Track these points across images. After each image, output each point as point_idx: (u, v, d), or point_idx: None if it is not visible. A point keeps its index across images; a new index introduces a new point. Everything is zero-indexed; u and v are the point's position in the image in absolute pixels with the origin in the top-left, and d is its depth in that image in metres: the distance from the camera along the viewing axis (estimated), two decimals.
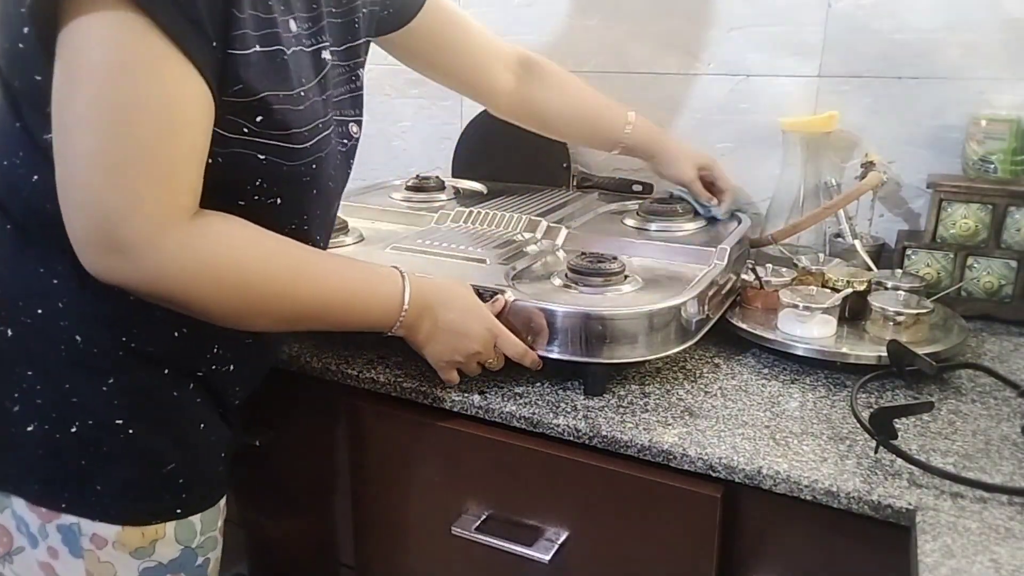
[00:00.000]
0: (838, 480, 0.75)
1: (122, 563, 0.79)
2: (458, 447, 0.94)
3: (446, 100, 1.60)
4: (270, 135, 0.73)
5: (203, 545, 0.85)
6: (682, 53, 1.36)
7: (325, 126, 0.80)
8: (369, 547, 1.06)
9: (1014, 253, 1.13)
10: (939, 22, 1.18)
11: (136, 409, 0.77)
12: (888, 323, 1.01)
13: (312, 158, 0.78)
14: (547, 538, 0.90)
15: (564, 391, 0.93)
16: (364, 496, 1.03)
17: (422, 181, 1.39)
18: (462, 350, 0.89)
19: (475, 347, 0.88)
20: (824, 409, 0.90)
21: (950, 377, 0.97)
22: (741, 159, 1.36)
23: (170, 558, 0.81)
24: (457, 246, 1.10)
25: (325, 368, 1.01)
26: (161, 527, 0.80)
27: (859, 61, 1.24)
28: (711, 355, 1.04)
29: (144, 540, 0.79)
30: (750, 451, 0.81)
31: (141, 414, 0.78)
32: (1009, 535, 0.68)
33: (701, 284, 0.98)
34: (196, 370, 0.82)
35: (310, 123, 0.77)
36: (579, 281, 0.97)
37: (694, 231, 1.18)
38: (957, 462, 0.79)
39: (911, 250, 1.18)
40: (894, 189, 1.26)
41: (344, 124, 0.88)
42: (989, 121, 1.14)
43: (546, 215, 1.22)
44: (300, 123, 0.76)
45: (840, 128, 1.27)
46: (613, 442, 0.84)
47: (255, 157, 0.73)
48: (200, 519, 0.84)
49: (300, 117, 0.76)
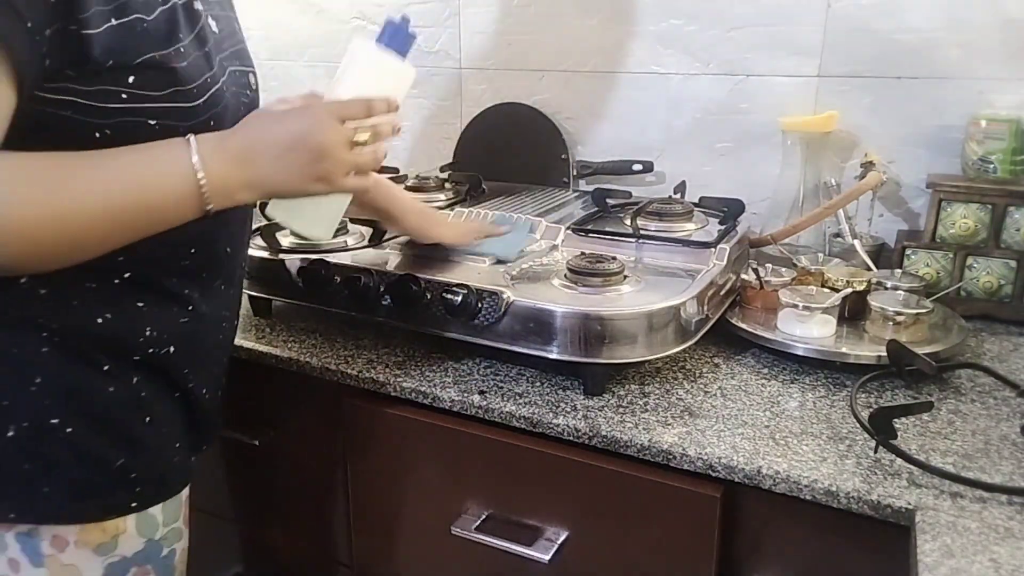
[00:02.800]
0: (838, 480, 0.75)
1: (86, 562, 0.77)
2: (458, 447, 0.94)
3: (446, 100, 1.60)
4: (153, 96, 0.71)
5: (167, 536, 0.84)
6: (682, 53, 1.36)
7: (214, 80, 0.77)
8: (368, 547, 1.06)
9: (1013, 253, 1.13)
10: (939, 22, 1.18)
11: (71, 408, 0.75)
12: (888, 323, 1.01)
13: (209, 114, 0.76)
14: (547, 538, 0.90)
15: (564, 391, 0.94)
16: (363, 496, 1.03)
17: (422, 181, 1.39)
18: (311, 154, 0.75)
19: (320, 141, 0.75)
20: (824, 409, 0.90)
21: (950, 377, 0.97)
22: (741, 159, 1.36)
23: (134, 551, 0.80)
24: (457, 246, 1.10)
25: (325, 368, 1.01)
26: (121, 521, 0.79)
27: (859, 61, 1.24)
28: (711, 355, 1.04)
29: (106, 536, 0.78)
30: (750, 451, 0.81)
31: (77, 412, 0.75)
32: (1009, 535, 0.68)
33: (700, 284, 0.98)
34: (132, 356, 0.78)
35: (198, 79, 0.75)
36: (578, 281, 0.97)
37: (694, 231, 1.17)
38: (957, 462, 0.79)
39: (911, 250, 1.18)
40: (894, 189, 1.26)
41: (244, 75, 0.85)
42: (989, 121, 1.14)
43: (546, 215, 1.22)
44: (186, 80, 0.73)
45: (840, 128, 1.27)
46: (613, 442, 0.84)
47: (146, 124, 0.71)
48: (161, 510, 0.82)
49: (184, 74, 0.73)
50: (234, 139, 0.75)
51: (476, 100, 1.56)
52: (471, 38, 1.54)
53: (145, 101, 0.71)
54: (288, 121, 0.76)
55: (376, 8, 1.61)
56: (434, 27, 1.56)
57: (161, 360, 0.80)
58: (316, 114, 0.76)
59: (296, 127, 0.75)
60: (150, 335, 0.79)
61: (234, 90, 0.82)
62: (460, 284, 0.95)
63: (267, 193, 0.77)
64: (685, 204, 1.24)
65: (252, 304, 1.16)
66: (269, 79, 1.76)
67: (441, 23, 1.55)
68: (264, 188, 0.76)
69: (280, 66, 1.75)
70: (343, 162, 0.77)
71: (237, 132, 0.76)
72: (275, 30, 1.73)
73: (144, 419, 0.80)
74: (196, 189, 0.72)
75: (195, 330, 0.83)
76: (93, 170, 0.69)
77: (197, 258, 0.81)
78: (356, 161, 0.78)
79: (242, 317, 1.15)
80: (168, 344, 0.80)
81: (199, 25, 0.77)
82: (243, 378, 1.12)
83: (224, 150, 0.73)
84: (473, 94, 1.56)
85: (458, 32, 1.54)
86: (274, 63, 1.75)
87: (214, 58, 0.79)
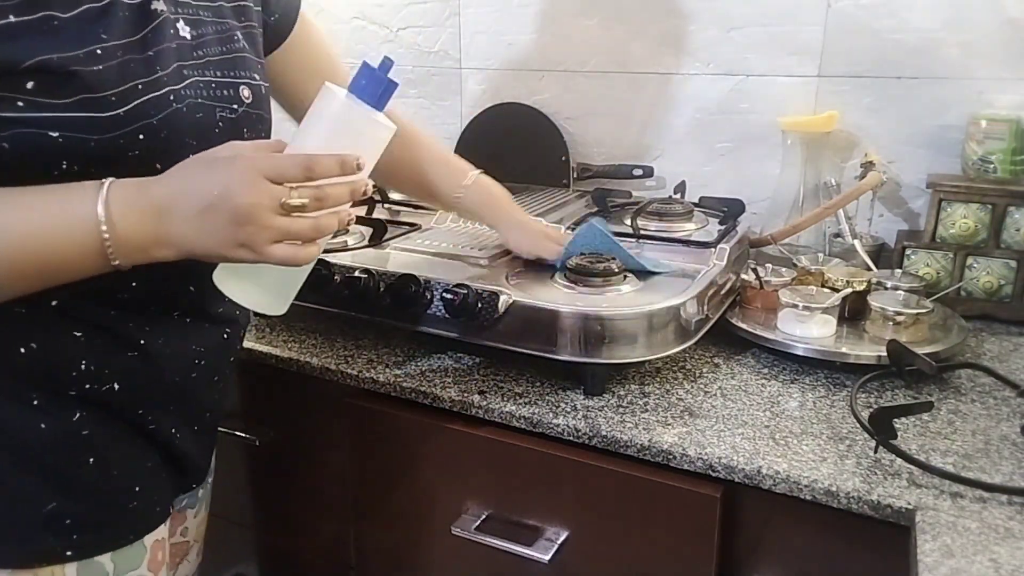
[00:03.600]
0: (838, 480, 0.75)
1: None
2: (458, 447, 0.94)
3: (446, 100, 1.60)
4: (57, 106, 0.63)
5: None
6: (682, 53, 1.36)
7: (150, 87, 0.68)
8: (368, 547, 1.06)
9: (1014, 253, 1.13)
10: (939, 22, 1.18)
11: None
12: (888, 323, 1.01)
13: (137, 127, 0.66)
14: (547, 538, 0.90)
15: (564, 391, 0.94)
16: (364, 496, 1.03)
17: None
18: (231, 216, 0.63)
19: (240, 203, 0.63)
20: (824, 409, 0.90)
21: (950, 377, 0.97)
22: (741, 159, 1.36)
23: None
24: (457, 246, 1.10)
25: (325, 368, 1.01)
26: (59, 568, 0.71)
27: (859, 61, 1.24)
28: (711, 355, 1.04)
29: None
30: (750, 451, 0.81)
31: (3, 450, 0.69)
32: (1009, 535, 0.68)
33: (700, 284, 0.98)
34: (67, 391, 0.71)
35: (119, 85, 0.65)
36: (579, 281, 0.97)
37: (694, 231, 1.18)
38: (957, 462, 0.79)
39: (911, 250, 1.18)
40: (894, 189, 1.26)
41: (229, 86, 0.75)
42: (989, 121, 1.14)
43: (546, 215, 1.22)
44: (98, 87, 0.64)
45: (840, 128, 1.27)
46: (613, 442, 0.84)
47: (47, 136, 0.63)
48: (111, 559, 0.74)
49: (95, 79, 0.64)
50: (153, 190, 0.65)
51: (476, 100, 1.56)
52: (471, 38, 1.54)
53: (45, 110, 0.62)
54: (214, 173, 0.64)
55: (376, 8, 1.61)
56: (434, 27, 1.56)
57: (103, 397, 0.73)
58: (241, 170, 0.64)
59: (219, 182, 0.63)
60: (86, 369, 0.71)
61: (201, 102, 0.73)
62: (460, 284, 0.95)
63: (186, 253, 0.66)
64: (685, 204, 1.24)
65: None
66: None
67: (441, 23, 1.56)
68: (181, 248, 0.65)
69: None
70: (268, 228, 0.64)
71: (163, 179, 0.66)
72: None
73: (86, 460, 0.72)
74: (99, 244, 0.63)
75: (147, 368, 0.75)
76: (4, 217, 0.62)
77: (139, 292, 0.72)
78: (287, 228, 0.65)
79: None
80: (111, 381, 0.73)
81: (150, 27, 0.69)
82: (243, 378, 1.13)
83: (140, 201, 0.64)
84: (473, 94, 1.56)
85: (458, 32, 1.54)
86: None
87: (163, 64, 0.70)
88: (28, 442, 0.70)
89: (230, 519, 1.26)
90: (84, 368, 0.71)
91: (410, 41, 1.60)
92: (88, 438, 0.72)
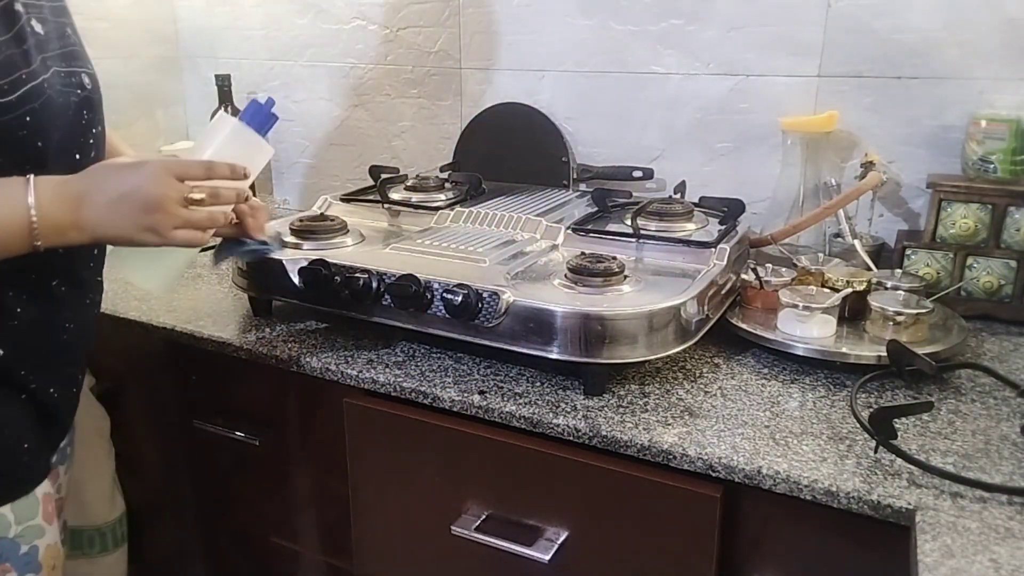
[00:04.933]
0: (838, 480, 0.75)
1: None
2: (458, 447, 0.94)
3: (446, 100, 1.60)
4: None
5: (23, 534, 0.85)
6: (682, 53, 1.36)
7: (32, 76, 0.78)
8: (369, 547, 1.06)
9: (1014, 253, 1.13)
10: (939, 22, 1.18)
11: None
12: (888, 323, 1.01)
13: (25, 110, 0.77)
14: (547, 538, 0.90)
15: (564, 391, 0.94)
16: (364, 496, 1.03)
17: (422, 181, 1.39)
18: (142, 205, 0.78)
19: (151, 194, 0.78)
20: (824, 409, 0.90)
21: (950, 377, 0.97)
22: (741, 159, 1.36)
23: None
24: (457, 246, 1.10)
25: (325, 368, 1.01)
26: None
27: (859, 61, 1.24)
28: (711, 355, 1.04)
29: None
30: (750, 451, 0.81)
31: None
32: (1009, 535, 0.68)
33: (700, 284, 0.98)
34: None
35: (11, 74, 0.76)
36: (579, 281, 0.97)
37: (694, 231, 1.18)
38: (957, 462, 0.79)
39: (911, 250, 1.18)
40: (894, 189, 1.26)
41: (75, 75, 0.86)
42: (989, 121, 1.14)
43: (546, 215, 1.22)
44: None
45: (840, 128, 1.27)
46: (613, 442, 0.84)
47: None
48: (11, 509, 0.83)
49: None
50: (73, 184, 0.78)
51: (476, 100, 1.56)
52: (471, 38, 1.54)
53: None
54: (127, 173, 0.79)
55: (376, 8, 1.61)
56: (434, 27, 1.56)
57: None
58: (153, 168, 0.79)
59: (132, 178, 0.78)
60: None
61: (60, 88, 0.83)
62: (460, 284, 0.95)
63: (98, 237, 0.80)
64: (685, 204, 1.24)
65: (252, 304, 1.17)
66: (269, 79, 1.77)
67: (441, 23, 1.55)
68: (94, 232, 0.78)
69: (280, 66, 1.75)
70: (174, 216, 0.79)
71: (77, 178, 0.79)
72: (275, 30, 1.73)
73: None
74: (28, 227, 0.75)
75: (27, 334, 0.84)
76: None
77: (18, 263, 0.80)
78: (188, 217, 0.80)
79: (242, 317, 1.16)
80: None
81: (18, 25, 0.79)
82: (243, 378, 1.13)
83: (60, 193, 0.76)
84: (473, 94, 1.56)
85: (458, 32, 1.54)
86: (274, 63, 1.76)
87: (34, 57, 0.80)
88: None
89: (230, 518, 1.26)
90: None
91: (410, 41, 1.60)
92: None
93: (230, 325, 1.13)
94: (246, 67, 1.78)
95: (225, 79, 1.62)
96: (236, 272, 1.15)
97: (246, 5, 1.76)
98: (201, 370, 1.18)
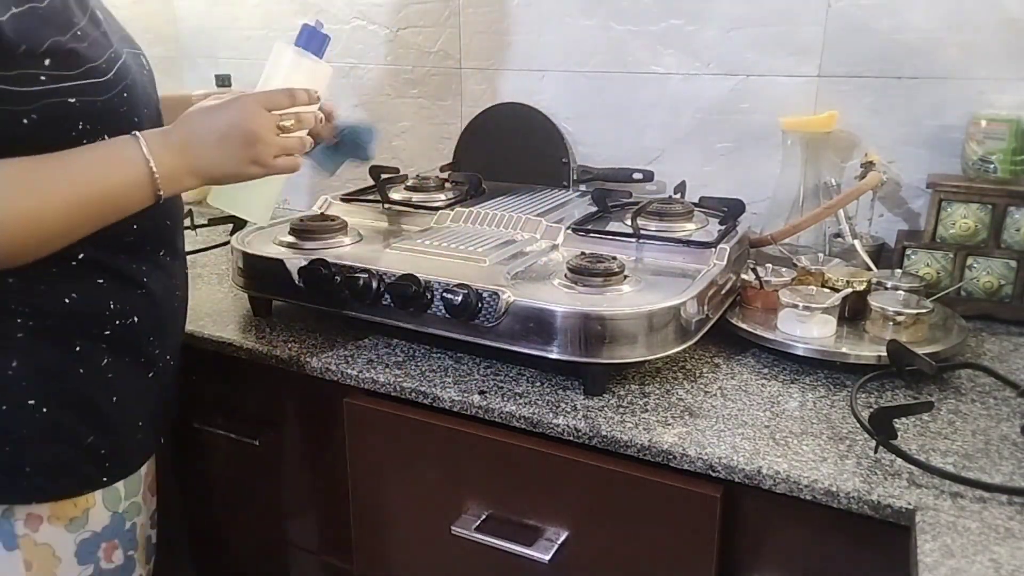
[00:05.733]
0: (838, 480, 0.75)
1: (59, 540, 0.84)
2: (458, 447, 0.94)
3: (446, 100, 1.60)
4: (69, 76, 0.77)
5: (128, 510, 0.90)
6: (682, 53, 1.36)
7: (117, 55, 0.84)
8: (369, 547, 1.06)
9: (1014, 253, 1.13)
10: (939, 22, 1.18)
11: (47, 389, 0.81)
12: (888, 323, 1.01)
13: (120, 87, 0.82)
14: (547, 538, 0.90)
15: (564, 391, 0.94)
16: (363, 496, 1.03)
17: (422, 181, 1.39)
18: (243, 139, 0.83)
19: (249, 127, 0.84)
20: (824, 409, 0.90)
21: (950, 377, 0.97)
22: (741, 159, 1.36)
23: (103, 525, 0.87)
24: (457, 246, 1.10)
25: (325, 368, 1.01)
26: (91, 496, 0.86)
27: (859, 61, 1.24)
28: (711, 355, 1.04)
29: (77, 510, 0.85)
30: (750, 451, 0.81)
31: (53, 394, 0.82)
32: (1009, 535, 0.68)
33: (700, 284, 0.98)
34: (103, 332, 0.85)
35: (102, 56, 0.81)
36: (579, 281, 0.97)
37: (694, 231, 1.18)
38: (957, 462, 0.79)
39: (911, 250, 1.18)
40: (894, 189, 1.26)
41: (137, 56, 0.91)
42: (989, 121, 1.14)
43: (546, 215, 1.22)
44: (93, 57, 0.80)
45: (840, 128, 1.27)
46: (613, 442, 0.84)
47: (66, 103, 0.77)
48: (123, 485, 0.89)
49: (90, 52, 0.80)
50: (175, 133, 0.83)
51: (476, 100, 1.56)
52: (471, 38, 1.54)
53: (63, 81, 0.77)
54: (221, 112, 0.84)
55: (376, 8, 1.61)
56: (434, 27, 1.56)
57: (128, 331, 0.87)
58: (245, 104, 0.84)
59: (228, 117, 0.83)
60: (115, 308, 0.86)
61: (136, 65, 0.89)
62: (460, 284, 0.95)
63: (209, 178, 0.85)
64: (685, 204, 1.24)
65: (252, 304, 1.17)
66: None
67: (441, 23, 1.55)
68: (206, 173, 0.84)
69: None
70: (272, 145, 0.85)
71: (177, 127, 0.84)
72: (275, 30, 1.73)
73: (111, 398, 0.87)
74: (150, 178, 0.79)
75: (152, 301, 0.90)
76: (56, 170, 0.76)
77: (139, 232, 0.87)
78: (284, 144, 0.86)
79: (242, 317, 1.16)
80: (132, 315, 0.87)
81: (90, 10, 0.84)
82: (243, 378, 1.13)
83: (168, 143, 0.81)
84: (473, 94, 1.56)
85: (458, 32, 1.54)
86: None
87: (112, 38, 0.85)
88: (72, 386, 0.83)
89: (230, 518, 1.26)
90: (113, 307, 0.86)
91: (410, 41, 1.60)
92: (111, 380, 0.87)
93: (230, 325, 1.13)
94: (246, 67, 1.78)
95: (225, 79, 1.62)
96: (236, 272, 1.15)
97: (246, 5, 1.76)
98: (201, 370, 1.18)
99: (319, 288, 1.05)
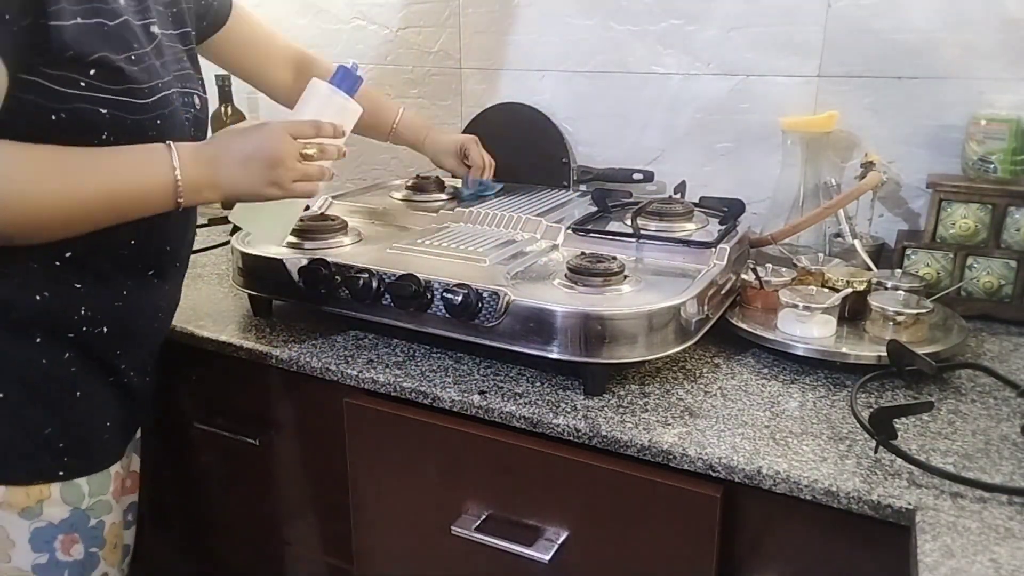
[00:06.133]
0: (838, 480, 0.75)
1: (12, 524, 0.86)
2: (458, 447, 0.94)
3: (446, 100, 1.60)
4: (108, 89, 0.82)
5: (94, 508, 0.92)
6: (682, 53, 1.36)
7: (165, 86, 0.90)
8: (369, 547, 1.06)
9: (1014, 253, 1.13)
10: (939, 22, 1.18)
11: (7, 377, 0.84)
12: (888, 323, 1.01)
13: (156, 113, 0.87)
14: (547, 538, 0.90)
15: (564, 391, 0.94)
16: (364, 496, 1.03)
17: (422, 181, 1.39)
18: (266, 162, 0.88)
19: (274, 151, 0.88)
20: (824, 409, 0.90)
21: (950, 377, 0.97)
22: (741, 159, 1.36)
23: (60, 518, 0.89)
24: (457, 246, 1.10)
25: (325, 368, 1.01)
26: (46, 487, 0.87)
27: (859, 61, 1.24)
28: (711, 355, 1.04)
29: (30, 500, 0.86)
30: (750, 451, 0.81)
31: (13, 382, 0.84)
32: (1009, 535, 0.68)
33: (700, 284, 0.98)
34: (67, 333, 0.87)
35: (149, 81, 0.87)
36: (579, 281, 0.97)
37: (694, 231, 1.18)
38: (957, 462, 0.79)
39: (911, 250, 1.18)
40: (894, 189, 1.26)
41: (188, 94, 0.96)
42: (989, 121, 1.14)
43: (546, 215, 1.22)
44: (139, 80, 0.85)
45: (840, 128, 1.27)
46: (613, 442, 0.84)
47: (97, 111, 0.82)
48: (87, 482, 0.91)
49: (138, 75, 0.85)
50: (206, 148, 0.88)
51: (476, 100, 1.56)
52: (471, 38, 1.54)
53: (101, 92, 0.82)
54: (250, 134, 0.89)
55: (376, 8, 1.61)
56: (434, 27, 1.56)
57: (95, 339, 0.90)
58: (273, 130, 0.89)
59: (255, 139, 0.89)
60: (85, 314, 0.88)
61: (180, 102, 0.94)
62: (460, 284, 0.95)
63: (230, 194, 0.89)
64: (685, 204, 1.24)
65: (252, 304, 1.16)
66: None
67: (441, 23, 1.56)
68: (227, 189, 0.88)
69: None
70: (293, 170, 0.89)
71: (208, 142, 0.90)
72: (275, 30, 1.73)
73: (74, 394, 0.89)
74: (173, 185, 0.84)
75: (127, 314, 0.92)
76: (88, 160, 0.81)
77: (134, 248, 0.91)
78: (305, 170, 0.91)
79: (242, 317, 1.16)
80: (102, 324, 0.90)
81: (155, 42, 0.91)
82: (243, 378, 1.12)
83: (197, 156, 0.86)
84: (473, 94, 1.56)
85: (458, 32, 1.54)
86: None
87: (168, 71, 0.92)
88: (33, 376, 0.86)
89: (230, 518, 1.26)
90: (83, 313, 0.88)
91: (410, 41, 1.60)
92: (75, 375, 0.89)
93: (230, 325, 1.13)
94: None
95: (225, 79, 1.62)
96: (236, 272, 1.15)
97: (246, 5, 1.75)
98: (201, 370, 1.18)
99: (319, 288, 1.05)
